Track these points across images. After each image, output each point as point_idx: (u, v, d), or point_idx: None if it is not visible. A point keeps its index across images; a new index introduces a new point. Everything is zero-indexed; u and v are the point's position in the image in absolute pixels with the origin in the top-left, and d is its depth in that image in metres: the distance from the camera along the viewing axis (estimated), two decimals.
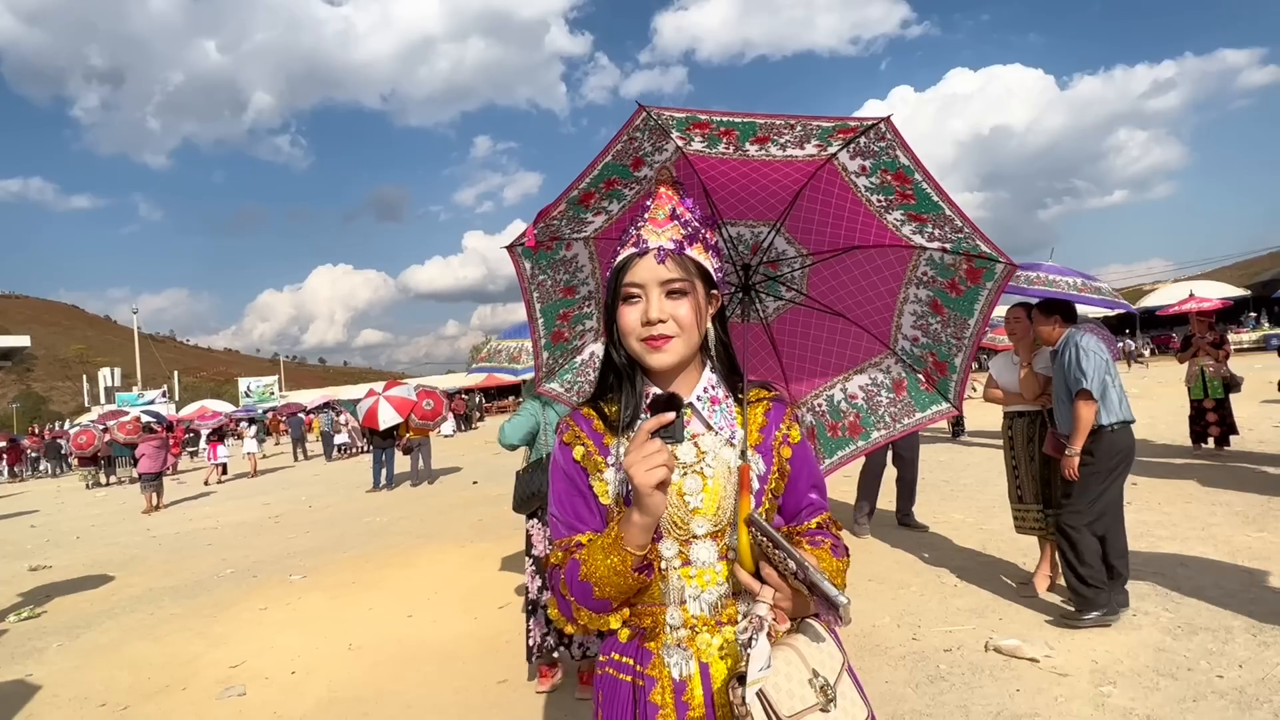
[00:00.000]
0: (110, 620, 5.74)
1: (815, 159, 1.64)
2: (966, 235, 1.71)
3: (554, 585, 1.20)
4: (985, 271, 1.78)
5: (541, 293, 1.89)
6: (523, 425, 3.60)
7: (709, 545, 1.20)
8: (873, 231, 1.82)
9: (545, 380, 2.10)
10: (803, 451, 1.32)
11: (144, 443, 13.14)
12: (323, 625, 5.10)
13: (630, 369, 1.25)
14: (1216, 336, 8.47)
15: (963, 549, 5.44)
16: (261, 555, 7.81)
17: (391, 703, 3.74)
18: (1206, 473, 7.15)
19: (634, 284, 1.19)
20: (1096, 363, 3.75)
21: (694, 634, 1.19)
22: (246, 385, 53.82)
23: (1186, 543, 4.96)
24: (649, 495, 1.06)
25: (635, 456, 1.06)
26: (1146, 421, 10.74)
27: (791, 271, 2.05)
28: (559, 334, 2.01)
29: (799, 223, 1.88)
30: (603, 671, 1.26)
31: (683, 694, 1.16)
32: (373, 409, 12.18)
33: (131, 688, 4.26)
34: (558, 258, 1.84)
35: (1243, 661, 3.25)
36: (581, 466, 1.25)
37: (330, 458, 20.61)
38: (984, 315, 1.85)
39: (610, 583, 1.11)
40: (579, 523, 1.23)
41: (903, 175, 1.60)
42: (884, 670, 3.54)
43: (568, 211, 1.67)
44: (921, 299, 1.92)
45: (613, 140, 1.53)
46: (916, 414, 2.10)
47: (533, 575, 3.63)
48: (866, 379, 2.15)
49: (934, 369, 2.02)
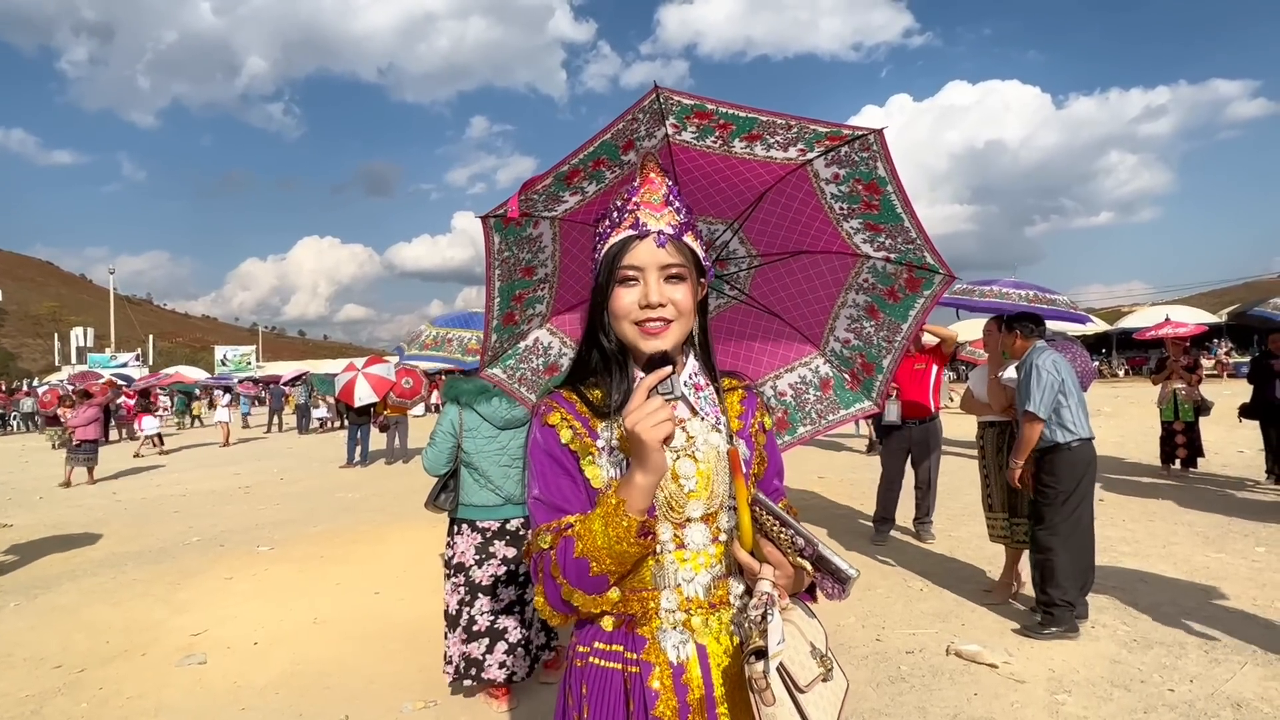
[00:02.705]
0: (70, 582, 5.65)
1: (790, 163, 1.65)
2: (915, 246, 1.75)
3: (543, 570, 1.15)
4: (925, 281, 1.83)
5: (504, 269, 1.83)
6: (443, 451, 3.35)
7: (702, 528, 1.21)
8: (824, 238, 1.84)
9: (489, 364, 2.03)
10: (772, 439, 1.35)
11: (82, 408, 11.90)
12: (288, 597, 5.05)
13: (621, 354, 1.23)
14: (1190, 361, 8.64)
15: (930, 554, 5.51)
16: (229, 525, 7.72)
17: (354, 677, 3.72)
18: (1172, 492, 7.30)
19: (632, 267, 1.17)
20: (1048, 383, 3.84)
21: (689, 616, 1.19)
22: (223, 354, 53.12)
23: (1148, 560, 5.06)
24: (656, 451, 1.06)
25: (639, 414, 1.05)
26: (1117, 440, 10.94)
27: (738, 271, 2.06)
28: (510, 315, 1.95)
29: (755, 224, 1.88)
30: (585, 663, 1.21)
31: (680, 677, 1.16)
32: (349, 384, 12.03)
33: (89, 651, 4.20)
34: (524, 235, 1.78)
35: (1194, 676, 3.33)
36: (571, 450, 1.22)
37: (304, 430, 20.41)
38: (917, 321, 1.90)
39: (611, 554, 1.09)
40: (566, 504, 1.19)
41: (875, 186, 1.62)
42: (847, 669, 3.57)
43: (551, 186, 1.64)
44: (859, 304, 1.97)
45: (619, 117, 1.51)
46: (840, 410, 2.15)
47: (453, 589, 3.35)
48: (796, 377, 2.18)
49: (861, 369, 2.07)
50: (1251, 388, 7.84)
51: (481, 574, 3.30)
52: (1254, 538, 5.50)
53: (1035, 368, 3.90)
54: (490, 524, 3.35)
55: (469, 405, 3.36)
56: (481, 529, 3.35)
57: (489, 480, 3.32)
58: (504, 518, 3.36)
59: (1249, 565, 4.85)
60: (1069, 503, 3.86)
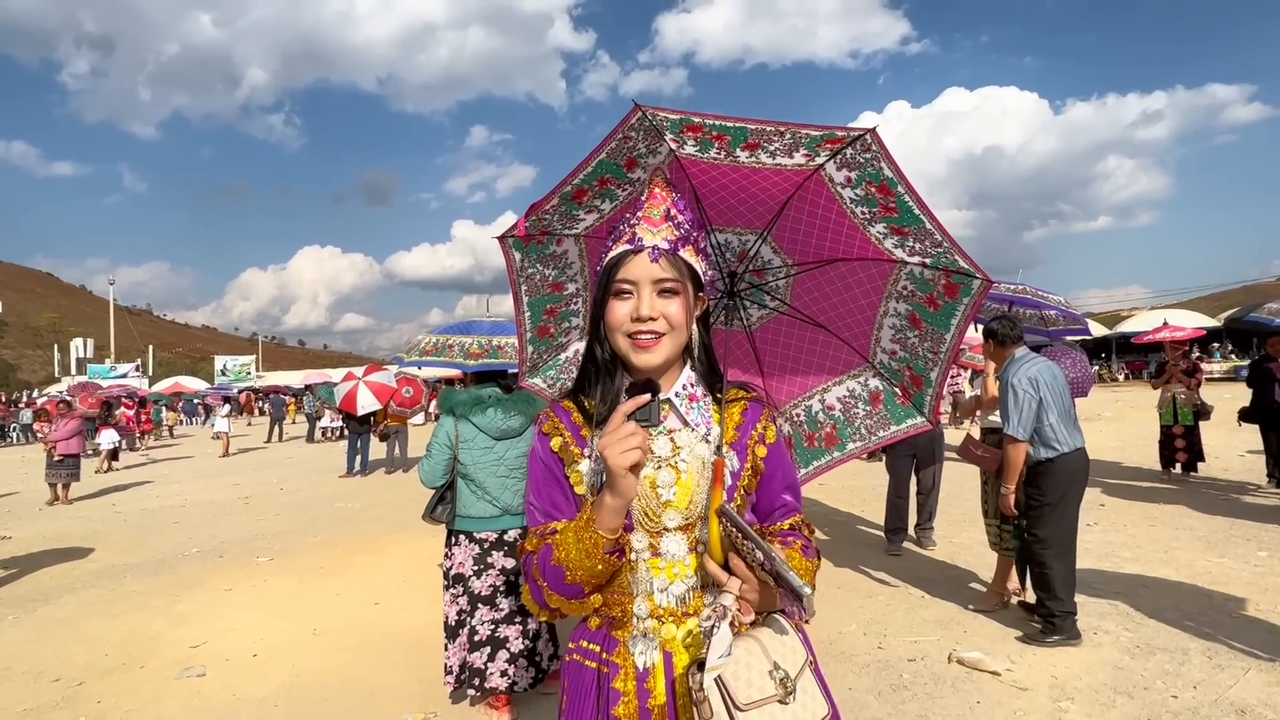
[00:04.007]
0: (69, 595, 5.62)
1: (803, 169, 1.65)
2: (946, 250, 1.73)
3: (527, 571, 1.22)
4: (963, 287, 1.80)
5: (530, 286, 1.89)
6: (439, 463, 3.33)
7: (679, 538, 1.22)
8: (856, 244, 1.83)
9: (529, 375, 2.10)
10: (778, 452, 1.34)
11: (63, 421, 10.83)
12: (288, 609, 5.04)
13: (611, 364, 1.27)
14: (1189, 365, 8.64)
15: (931, 561, 5.50)
16: (229, 536, 7.70)
17: (354, 689, 3.70)
18: (1172, 497, 7.29)
19: (627, 280, 1.21)
20: (1024, 403, 3.79)
21: (660, 624, 1.22)
22: (223, 364, 53.12)
23: (1150, 565, 5.05)
24: (622, 477, 1.07)
25: (610, 439, 1.07)
26: (1118, 445, 10.93)
27: (776, 281, 2.06)
28: (544, 329, 2.00)
29: (785, 232, 1.88)
30: (570, 658, 1.29)
31: (645, 682, 1.20)
32: (351, 393, 12.01)
33: (88, 664, 4.18)
34: (548, 252, 1.84)
35: (1197, 683, 3.31)
36: (558, 456, 1.27)
37: (311, 439, 20.41)
38: (960, 330, 1.87)
39: (582, 566, 1.13)
40: (555, 510, 1.25)
41: (886, 188, 1.62)
42: (848, 677, 3.56)
43: (560, 206, 1.67)
44: (900, 313, 1.94)
45: (608, 137, 1.53)
46: (892, 427, 2.11)
47: (451, 600, 3.35)
48: (844, 390, 2.16)
49: (910, 383, 2.03)
50: (1251, 391, 7.83)
51: (480, 584, 3.29)
52: (1256, 542, 5.49)
53: (1010, 388, 3.85)
54: (488, 535, 3.33)
55: (464, 416, 3.34)
56: (479, 540, 3.33)
57: (486, 491, 3.31)
58: (501, 529, 3.34)
59: (1251, 570, 4.83)
60: (1056, 512, 3.84)
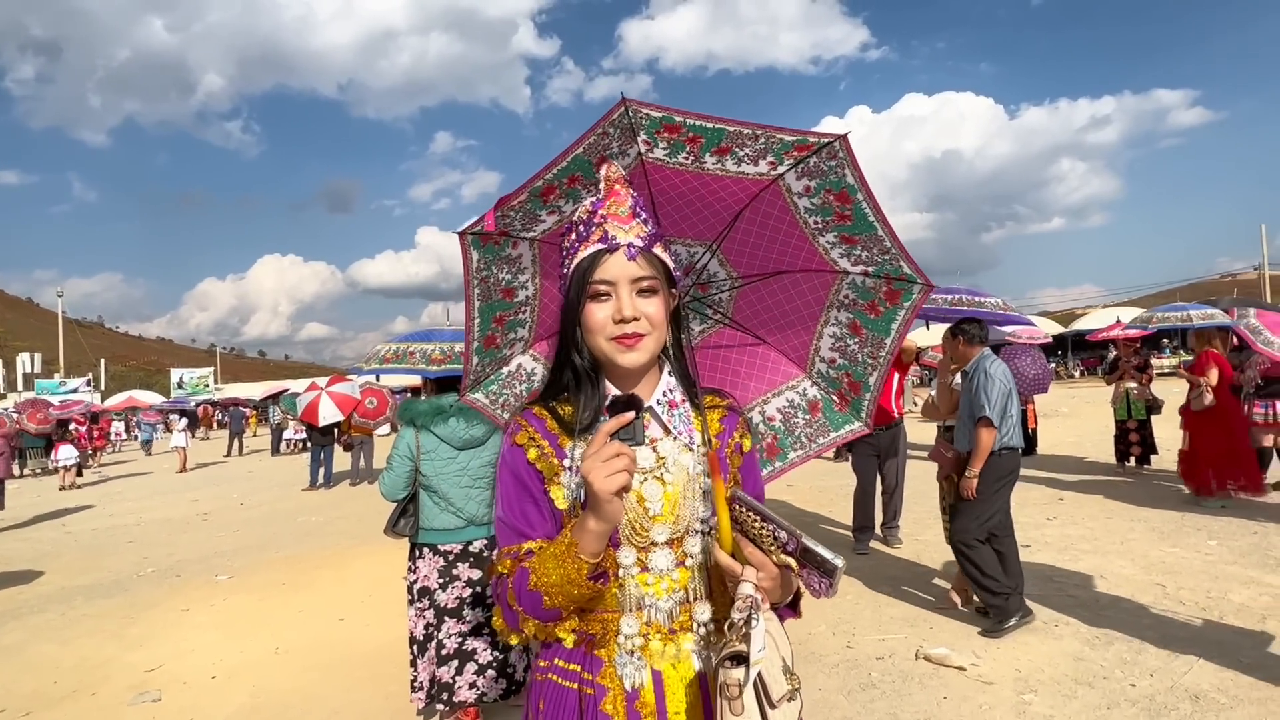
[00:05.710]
0: (15, 621, 5.39)
1: (763, 178, 1.64)
2: (892, 257, 1.73)
3: (500, 595, 1.15)
4: (904, 293, 1.81)
5: (483, 289, 1.78)
6: (400, 475, 3.29)
7: (667, 553, 1.17)
8: (802, 256, 1.83)
9: (471, 389, 1.96)
10: (751, 461, 1.32)
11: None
12: (248, 628, 4.89)
13: (592, 370, 1.21)
14: (1141, 361, 8.92)
15: (898, 559, 5.57)
16: (186, 554, 7.47)
17: (318, 709, 3.61)
18: (1128, 490, 7.52)
19: (604, 281, 1.15)
20: (1000, 390, 3.94)
21: (647, 642, 1.16)
22: (179, 376, 51.64)
23: (1107, 556, 5.19)
24: (608, 502, 1.01)
25: (594, 461, 1.00)
26: (1075, 440, 11.22)
27: (719, 294, 2.05)
28: (491, 338, 1.89)
29: (734, 244, 1.87)
30: (544, 678, 1.20)
31: (634, 703, 1.14)
32: (313, 404, 11.78)
33: (35, 693, 4.00)
34: (503, 254, 1.74)
35: (1154, 670, 3.41)
36: (537, 470, 1.19)
37: (277, 451, 19.95)
38: (900, 334, 1.89)
39: (562, 592, 1.06)
40: (528, 528, 1.18)
41: (845, 195, 1.61)
42: (818, 678, 3.59)
43: (527, 203, 1.61)
44: (842, 321, 1.95)
45: (588, 130, 1.48)
46: (831, 433, 2.12)
47: (418, 614, 3.27)
48: (784, 401, 2.16)
49: (849, 389, 2.04)
50: None
51: (446, 597, 3.23)
52: (1205, 531, 5.68)
53: (987, 374, 3.98)
54: (453, 547, 3.28)
55: (425, 427, 3.27)
56: (444, 552, 3.28)
57: (450, 503, 3.26)
58: (466, 540, 3.29)
59: (1202, 559, 4.99)
60: (985, 503, 3.98)
